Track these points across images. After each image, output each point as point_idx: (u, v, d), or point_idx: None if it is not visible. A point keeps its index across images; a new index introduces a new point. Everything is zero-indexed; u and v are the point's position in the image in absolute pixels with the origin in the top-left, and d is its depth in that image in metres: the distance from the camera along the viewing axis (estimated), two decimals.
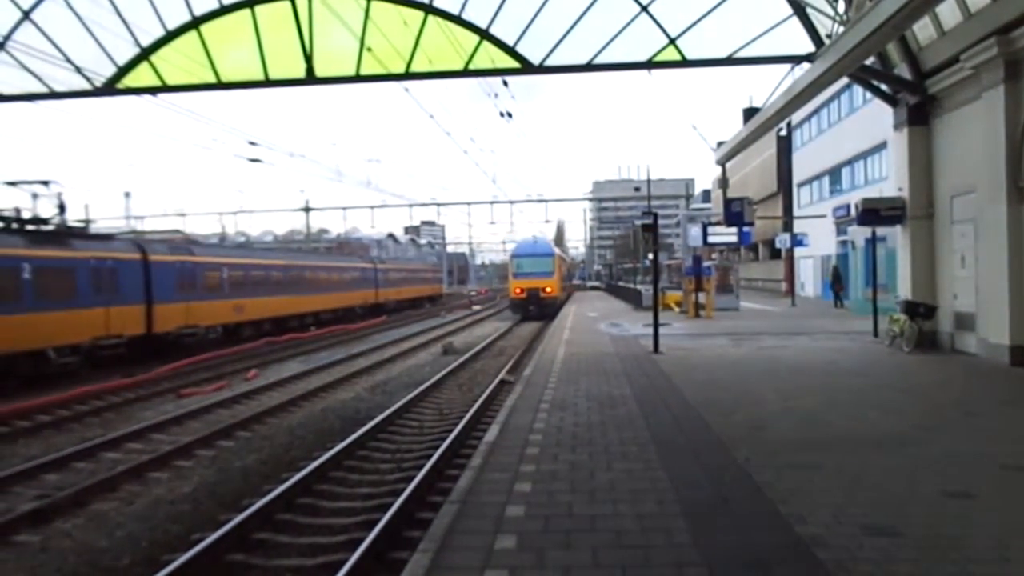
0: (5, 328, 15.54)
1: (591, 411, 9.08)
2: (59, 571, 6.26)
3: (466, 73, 14.65)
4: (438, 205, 58.14)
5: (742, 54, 13.90)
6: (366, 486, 8.34)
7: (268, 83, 14.91)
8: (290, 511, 7.36)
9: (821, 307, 31.13)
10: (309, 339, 27.31)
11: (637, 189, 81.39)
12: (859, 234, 23.60)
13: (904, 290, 15.46)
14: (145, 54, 14.83)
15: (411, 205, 55.96)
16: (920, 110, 14.88)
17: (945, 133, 14.36)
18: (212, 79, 14.80)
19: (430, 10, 14.28)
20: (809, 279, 40.93)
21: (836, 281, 30.30)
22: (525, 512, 5.37)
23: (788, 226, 39.05)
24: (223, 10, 14.65)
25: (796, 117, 40.71)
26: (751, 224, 24.65)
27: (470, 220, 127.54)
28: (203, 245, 31.03)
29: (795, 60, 14.22)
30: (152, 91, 15.12)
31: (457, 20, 14.31)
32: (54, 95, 15.14)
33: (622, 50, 14.15)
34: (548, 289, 35.33)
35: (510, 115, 21.86)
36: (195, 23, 14.68)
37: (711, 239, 29.89)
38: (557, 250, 42.19)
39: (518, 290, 35.98)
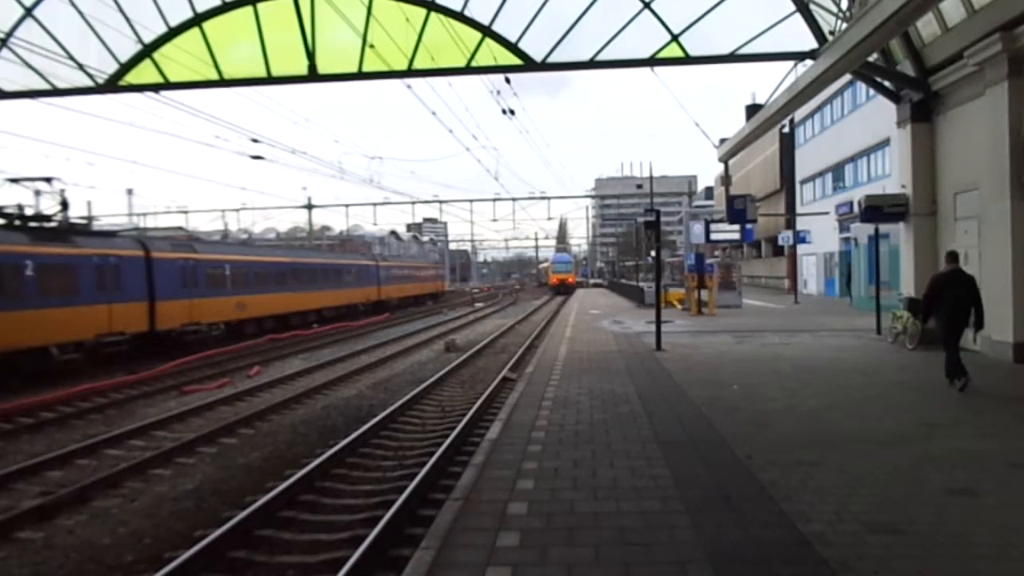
0: (8, 325, 15.57)
1: (593, 408, 9.08)
2: (62, 568, 6.27)
3: (468, 70, 14.64)
4: (440, 202, 58.03)
5: (745, 51, 13.87)
6: (369, 483, 8.34)
7: (270, 80, 14.92)
8: (293, 508, 7.36)
9: (824, 304, 31.11)
10: (312, 336, 27.32)
11: (639, 186, 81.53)
12: (862, 231, 23.57)
13: (907, 287, 15.43)
14: (148, 51, 14.84)
15: (413, 202, 55.69)
16: (923, 107, 14.85)
17: (948, 130, 14.33)
18: (214, 76, 14.81)
19: (432, 7, 14.27)
20: (812, 276, 40.91)
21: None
22: (528, 509, 5.37)
23: (791, 223, 39.02)
24: (225, 7, 14.66)
25: (799, 114, 40.65)
26: (754, 221, 24.62)
27: (472, 217, 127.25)
28: (206, 242, 31.04)
29: (798, 57, 14.19)
30: (155, 88, 15.12)
31: (459, 17, 14.30)
32: (57, 92, 15.15)
33: (624, 47, 14.14)
34: (570, 279, 68.43)
35: (512, 112, 21.80)
36: (197, 20, 14.69)
37: (714, 236, 29.91)
38: (572, 258, 79.73)
39: (555, 280, 68.20)
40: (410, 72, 14.64)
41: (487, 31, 14.26)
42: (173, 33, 14.76)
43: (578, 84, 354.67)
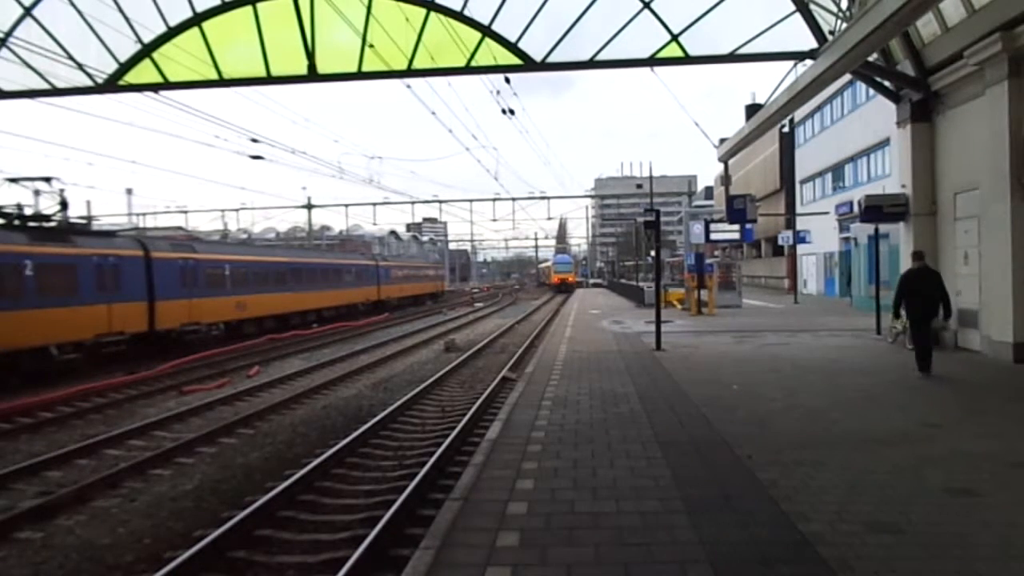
0: (8, 325, 15.56)
1: (593, 408, 9.08)
2: (62, 568, 6.26)
3: (468, 70, 14.63)
4: (440, 202, 57.93)
5: (745, 51, 13.86)
6: (368, 483, 8.33)
7: (270, 80, 14.90)
8: (292, 508, 7.36)
9: (824, 304, 31.11)
10: (311, 336, 27.31)
11: (639, 186, 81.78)
12: (862, 231, 23.56)
13: None
14: (147, 51, 14.83)
15: (413, 202, 55.53)
16: (923, 107, 14.84)
17: (948, 130, 14.32)
18: (214, 76, 14.80)
19: (432, 7, 14.25)
20: (812, 276, 40.92)
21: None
22: (527, 509, 5.37)
23: (791, 223, 39.03)
24: (225, 7, 14.64)
25: (799, 114, 40.66)
26: (754, 221, 24.61)
27: (472, 217, 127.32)
28: (205, 242, 31.06)
29: (798, 57, 14.18)
30: (154, 88, 15.11)
31: (459, 17, 14.28)
32: (56, 92, 15.14)
33: (624, 47, 14.13)
34: (570, 279, 72.80)
35: (512, 112, 21.79)
36: (197, 19, 14.67)
37: (713, 236, 29.87)
38: (572, 259, 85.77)
39: (556, 279, 72.42)
40: (410, 72, 14.63)
41: (487, 31, 14.25)
42: (173, 33, 14.75)
43: (582, 84, 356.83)
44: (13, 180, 18.92)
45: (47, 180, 19.31)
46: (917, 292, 11.17)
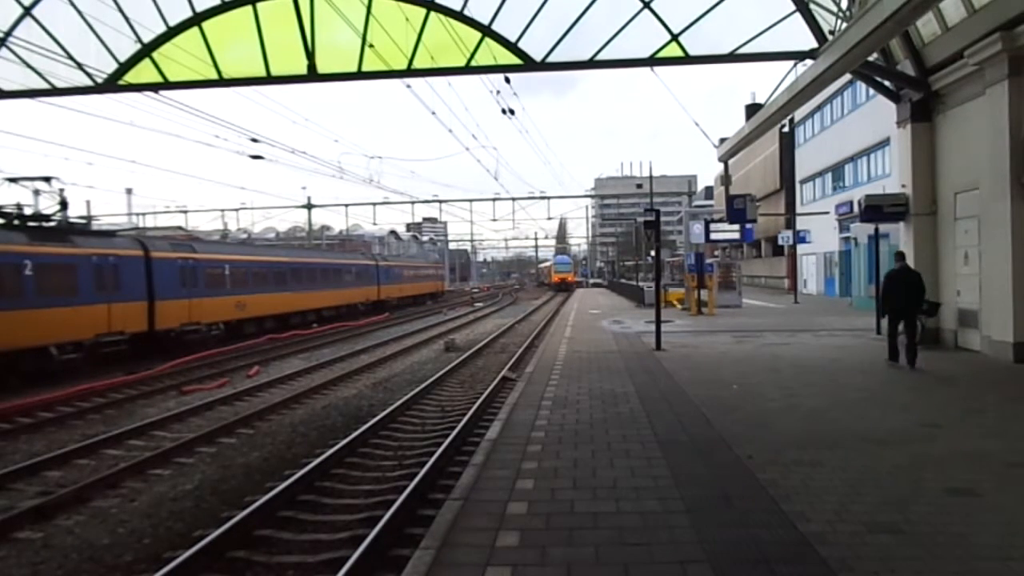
0: (7, 325, 15.55)
1: (593, 408, 9.07)
2: (61, 568, 6.26)
3: (468, 70, 14.62)
4: (440, 202, 57.86)
5: (745, 50, 13.86)
6: (368, 483, 8.33)
7: (270, 80, 14.89)
8: (292, 508, 7.36)
9: (824, 304, 31.11)
10: (311, 336, 27.31)
11: (639, 186, 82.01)
12: (862, 231, 23.57)
13: None
14: (147, 50, 14.82)
15: (413, 202, 55.45)
16: (923, 106, 14.83)
17: (949, 130, 14.32)
18: (214, 75, 14.79)
19: (432, 7, 14.24)
20: (812, 276, 40.92)
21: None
22: (527, 509, 5.37)
23: (791, 223, 39.02)
24: (225, 6, 14.63)
25: (799, 114, 40.64)
26: (753, 221, 24.61)
27: (472, 217, 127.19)
28: (205, 242, 31.03)
29: (798, 56, 14.17)
30: (154, 87, 15.11)
31: (459, 17, 14.28)
32: (56, 91, 15.13)
33: (624, 47, 14.12)
34: (570, 278, 75.51)
35: (512, 112, 21.80)
36: (197, 19, 14.66)
37: (713, 236, 29.90)
38: (572, 259, 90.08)
39: (557, 279, 74.78)
40: (410, 72, 14.62)
41: (487, 31, 14.24)
42: (172, 32, 14.74)
43: (584, 84, 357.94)
44: (13, 180, 18.93)
45: (47, 180, 19.31)
46: (896, 291, 12.01)
